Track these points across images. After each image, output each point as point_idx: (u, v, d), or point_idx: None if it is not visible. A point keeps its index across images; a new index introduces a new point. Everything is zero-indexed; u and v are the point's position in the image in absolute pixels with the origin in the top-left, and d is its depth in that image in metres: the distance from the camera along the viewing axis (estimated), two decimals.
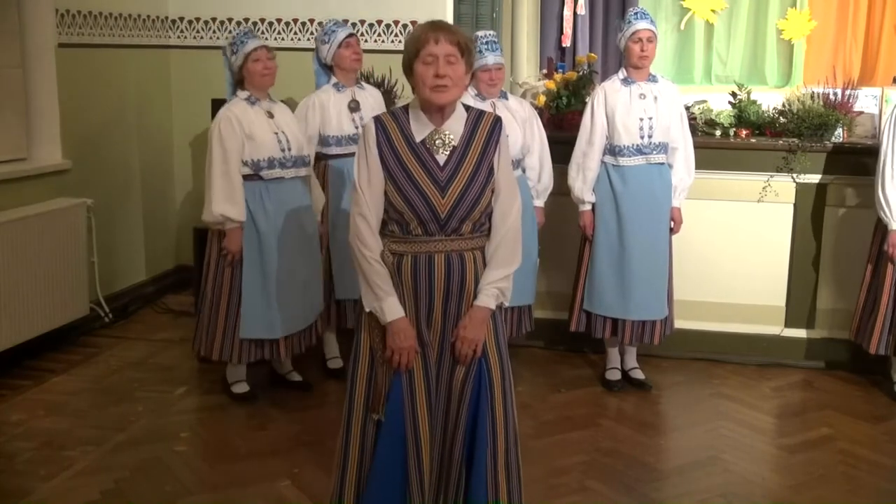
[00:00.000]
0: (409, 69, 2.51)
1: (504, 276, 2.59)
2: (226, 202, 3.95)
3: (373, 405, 2.60)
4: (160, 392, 4.35)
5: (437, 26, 2.49)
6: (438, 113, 2.53)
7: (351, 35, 4.35)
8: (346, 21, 4.63)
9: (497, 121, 2.61)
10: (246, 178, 4.00)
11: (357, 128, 4.37)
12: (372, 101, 4.49)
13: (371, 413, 2.61)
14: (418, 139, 2.53)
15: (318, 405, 4.24)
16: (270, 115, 4.06)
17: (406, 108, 2.59)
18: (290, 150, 4.05)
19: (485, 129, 2.58)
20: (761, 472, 3.68)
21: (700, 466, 3.70)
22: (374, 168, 2.52)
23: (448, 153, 2.53)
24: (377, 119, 2.57)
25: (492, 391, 2.60)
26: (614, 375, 4.52)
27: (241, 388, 4.27)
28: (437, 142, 2.53)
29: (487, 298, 2.58)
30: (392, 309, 2.53)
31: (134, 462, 3.63)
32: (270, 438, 3.88)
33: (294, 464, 3.63)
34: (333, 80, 4.40)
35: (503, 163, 2.59)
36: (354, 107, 4.38)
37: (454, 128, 2.55)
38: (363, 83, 4.56)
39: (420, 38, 2.47)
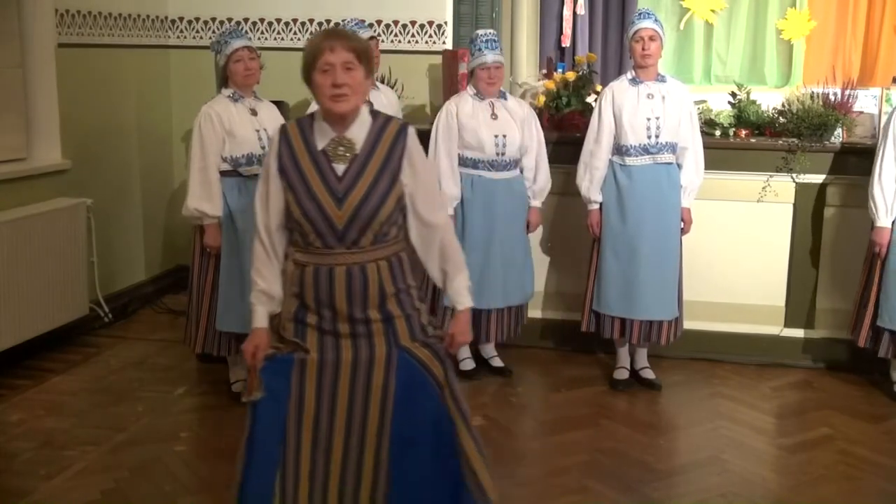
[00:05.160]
0: (307, 79, 2.46)
1: (466, 276, 2.61)
2: (201, 198, 3.99)
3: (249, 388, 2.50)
4: (160, 392, 4.34)
5: (331, 34, 2.44)
6: (340, 121, 2.47)
7: (372, 38, 4.34)
8: (363, 21, 4.60)
9: (403, 127, 2.53)
10: (225, 173, 4.03)
11: None
12: (386, 102, 4.47)
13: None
14: (319, 147, 2.48)
15: None
16: (254, 113, 4.09)
17: (313, 115, 2.54)
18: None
19: (390, 136, 2.50)
20: (761, 472, 3.68)
21: (700, 466, 3.70)
22: (273, 179, 2.48)
23: (349, 162, 2.47)
24: (282, 127, 2.54)
25: (435, 380, 2.54)
26: (621, 375, 4.52)
27: (241, 387, 4.26)
28: (338, 150, 2.47)
29: (466, 300, 2.61)
30: (258, 317, 2.53)
31: (134, 462, 3.63)
32: None
33: None
34: None
35: (418, 168, 2.52)
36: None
37: (357, 135, 2.49)
38: (378, 84, 4.53)
39: (316, 47, 2.42)
